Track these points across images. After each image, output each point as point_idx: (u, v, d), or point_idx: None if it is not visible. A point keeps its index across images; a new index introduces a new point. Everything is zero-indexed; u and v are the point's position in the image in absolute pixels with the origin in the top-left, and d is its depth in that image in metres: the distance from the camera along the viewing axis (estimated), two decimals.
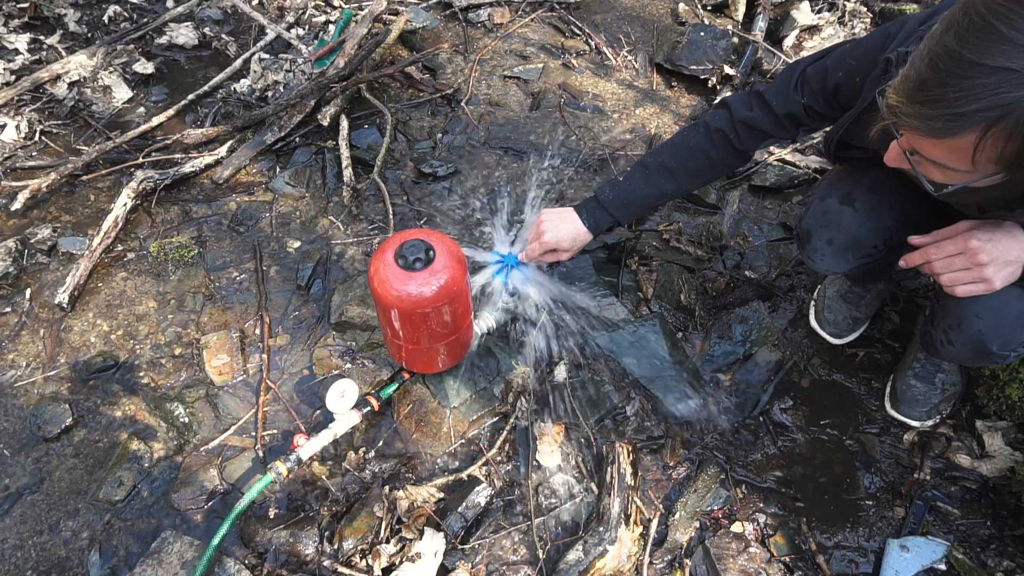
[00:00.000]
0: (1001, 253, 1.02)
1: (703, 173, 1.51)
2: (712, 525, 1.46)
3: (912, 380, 1.57)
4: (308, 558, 1.37)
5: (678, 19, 2.91)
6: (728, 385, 1.69)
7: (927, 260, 1.08)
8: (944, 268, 1.07)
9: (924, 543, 1.40)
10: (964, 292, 1.06)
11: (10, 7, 2.69)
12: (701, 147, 1.47)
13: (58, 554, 1.40)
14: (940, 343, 1.28)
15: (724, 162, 1.49)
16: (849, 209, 1.33)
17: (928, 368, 1.55)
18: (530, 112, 2.45)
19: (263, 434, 1.57)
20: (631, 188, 1.54)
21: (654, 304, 1.82)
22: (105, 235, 1.91)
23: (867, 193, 1.34)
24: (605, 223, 1.58)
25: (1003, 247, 1.02)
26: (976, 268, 1.03)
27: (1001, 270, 1.03)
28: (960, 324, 1.20)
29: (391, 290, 1.30)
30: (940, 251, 1.07)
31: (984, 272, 1.03)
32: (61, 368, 1.69)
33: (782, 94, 1.33)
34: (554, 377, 1.67)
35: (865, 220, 1.33)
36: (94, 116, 2.38)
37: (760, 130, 1.39)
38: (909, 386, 1.57)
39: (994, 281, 1.03)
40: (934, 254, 1.07)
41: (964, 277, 1.05)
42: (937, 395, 1.57)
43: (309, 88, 2.27)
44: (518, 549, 1.41)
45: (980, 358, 1.25)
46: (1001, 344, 1.17)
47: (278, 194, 2.13)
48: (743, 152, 1.47)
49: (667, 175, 1.51)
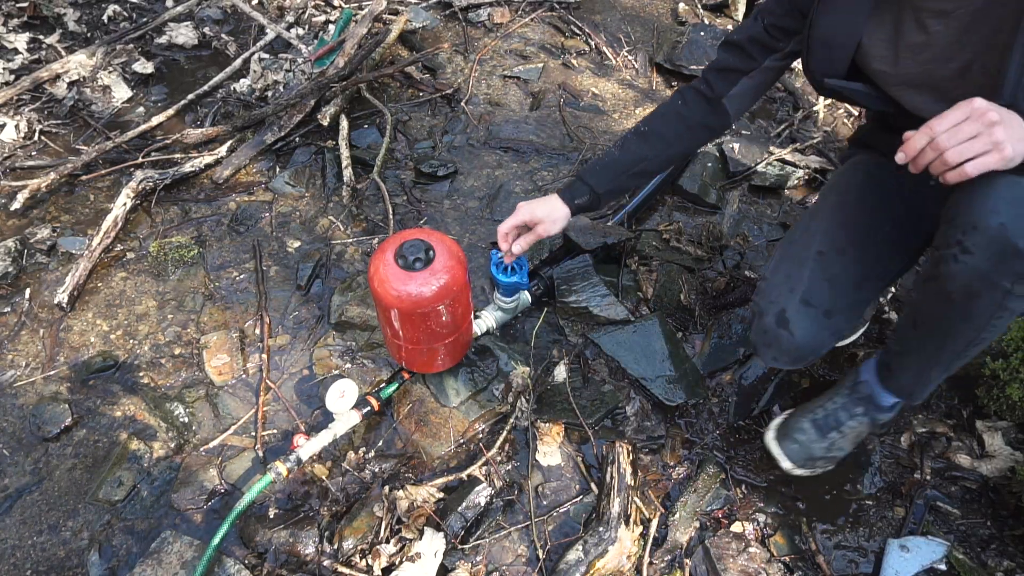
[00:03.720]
0: (1009, 116, 0.92)
1: (679, 137, 1.47)
2: (712, 525, 1.46)
3: (807, 423, 1.45)
4: (308, 558, 1.37)
5: (678, 19, 2.91)
6: (728, 385, 1.69)
7: (932, 136, 0.94)
8: (952, 139, 0.93)
9: (924, 543, 1.40)
10: (975, 168, 0.92)
11: (10, 6, 2.69)
12: (674, 108, 1.46)
13: (58, 554, 1.40)
14: (953, 259, 1.07)
15: (699, 121, 1.44)
16: (785, 332, 1.29)
17: (829, 421, 1.44)
18: (530, 112, 2.45)
19: (263, 434, 1.57)
20: (606, 157, 1.51)
21: (654, 304, 1.82)
22: (105, 235, 1.91)
23: (801, 307, 1.29)
24: (580, 192, 1.49)
25: (1012, 117, 0.92)
26: (987, 131, 0.91)
27: (1012, 131, 0.91)
28: (977, 225, 1.02)
29: (391, 290, 1.30)
30: (944, 121, 0.94)
31: (995, 133, 0.90)
32: (61, 368, 1.69)
33: (744, 26, 1.35)
34: (554, 377, 1.67)
35: (803, 339, 1.30)
36: (94, 116, 2.38)
37: (728, 68, 1.37)
38: (801, 427, 1.45)
39: (1006, 146, 0.90)
40: (937, 126, 0.94)
41: (973, 147, 0.91)
42: (820, 450, 1.44)
43: (309, 88, 2.26)
44: (518, 549, 1.41)
45: (1006, 261, 1.02)
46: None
47: (278, 194, 2.13)
48: (716, 102, 1.41)
49: (640, 140, 1.48)
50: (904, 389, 1.34)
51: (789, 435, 1.46)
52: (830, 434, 1.43)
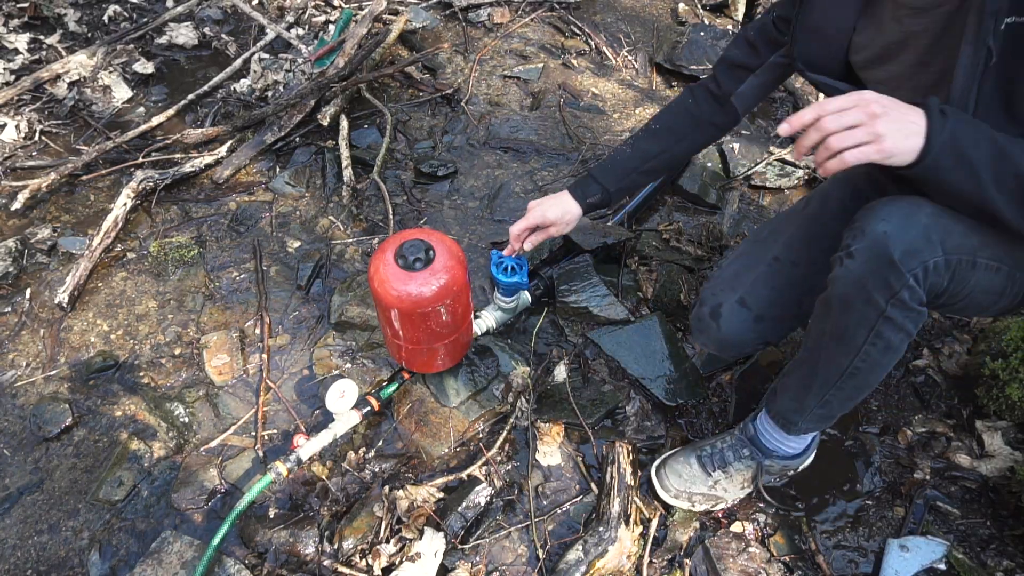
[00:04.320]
0: (898, 110, 0.93)
1: (688, 133, 1.48)
2: (712, 525, 1.46)
3: (692, 458, 1.45)
4: (308, 558, 1.37)
5: (678, 19, 2.91)
6: (728, 385, 1.69)
7: (820, 114, 0.94)
8: (835, 122, 0.93)
9: (924, 543, 1.40)
10: (854, 157, 0.92)
11: (10, 7, 2.69)
12: (683, 104, 1.48)
13: (58, 554, 1.40)
14: (839, 263, 1.08)
15: (708, 119, 1.46)
16: (715, 325, 1.37)
17: (715, 460, 1.44)
18: (530, 112, 2.45)
19: (263, 434, 1.57)
20: (616, 155, 1.52)
21: (654, 304, 1.82)
22: (105, 235, 1.91)
23: (736, 306, 1.35)
24: (592, 191, 1.51)
25: (900, 108, 0.93)
26: (870, 122, 0.91)
27: (896, 124, 0.91)
28: (865, 230, 1.03)
29: (391, 290, 1.30)
30: (833, 103, 0.94)
31: (876, 126, 0.91)
32: (61, 368, 1.69)
33: (756, 21, 1.36)
34: (554, 377, 1.67)
35: (728, 335, 1.37)
36: (94, 116, 2.38)
37: (736, 64, 1.39)
38: (687, 461, 1.45)
39: (885, 139, 0.91)
40: (827, 106, 0.94)
41: (855, 135, 0.92)
42: (701, 487, 1.43)
43: (309, 88, 2.27)
44: (518, 549, 1.41)
45: (881, 270, 1.02)
46: (903, 251, 0.99)
47: (278, 194, 2.13)
48: (724, 100, 1.42)
49: (651, 136, 1.50)
50: (781, 415, 1.34)
51: (672, 467, 1.46)
52: (714, 473, 1.43)
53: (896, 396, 1.69)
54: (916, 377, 1.72)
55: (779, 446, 1.41)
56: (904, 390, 1.71)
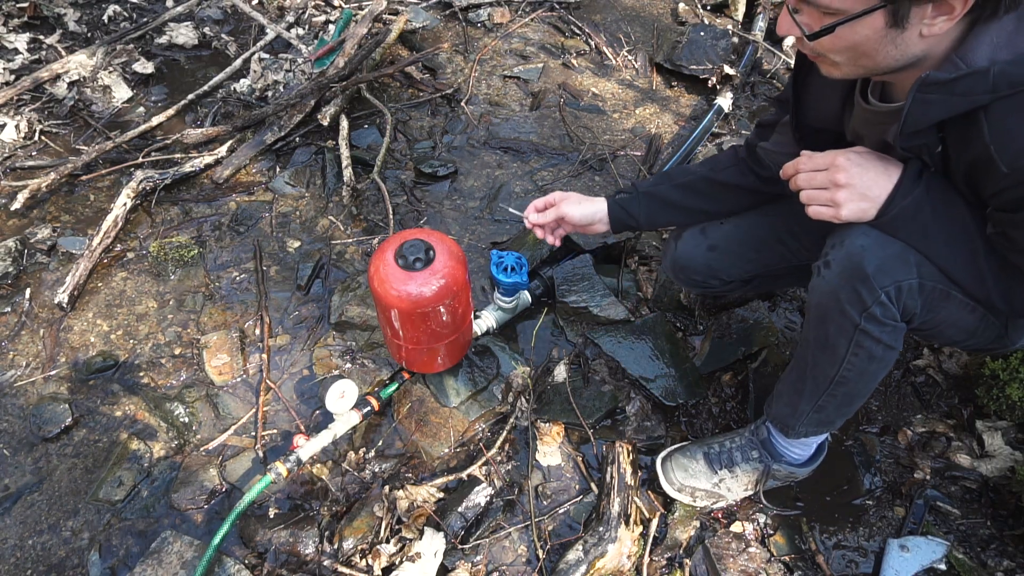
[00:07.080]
0: (862, 183, 0.99)
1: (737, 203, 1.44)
2: (712, 525, 1.46)
3: (699, 454, 1.46)
4: (308, 558, 1.37)
5: (678, 19, 2.91)
6: (728, 385, 1.69)
7: (798, 170, 1.05)
8: (806, 182, 1.04)
9: (924, 543, 1.40)
10: (815, 213, 1.03)
11: (10, 7, 2.69)
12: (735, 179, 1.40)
13: (58, 554, 1.40)
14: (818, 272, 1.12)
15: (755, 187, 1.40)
16: (673, 245, 1.48)
17: (722, 458, 1.44)
18: (530, 112, 2.45)
19: (263, 434, 1.57)
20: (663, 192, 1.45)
21: (654, 304, 1.82)
22: (105, 235, 1.91)
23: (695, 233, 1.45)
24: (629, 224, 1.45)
25: (869, 178, 0.99)
26: (832, 188, 1.00)
27: (854, 200, 0.99)
28: (843, 240, 1.07)
29: (391, 290, 1.30)
30: (810, 162, 1.04)
31: (837, 195, 0.99)
32: (61, 368, 1.69)
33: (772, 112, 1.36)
34: (554, 377, 1.67)
35: (680, 253, 1.46)
36: (94, 116, 2.38)
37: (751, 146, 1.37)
38: (693, 456, 1.46)
39: (842, 208, 0.99)
40: (804, 164, 1.05)
41: (820, 196, 1.02)
42: (705, 484, 1.44)
43: (309, 88, 2.27)
44: (518, 549, 1.41)
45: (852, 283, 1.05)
46: (877, 267, 1.02)
47: (278, 194, 2.13)
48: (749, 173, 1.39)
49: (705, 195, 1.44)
50: (778, 418, 1.35)
51: (678, 461, 1.46)
52: (720, 471, 1.44)
53: (896, 396, 1.69)
54: (916, 377, 1.72)
55: (787, 451, 1.41)
56: (904, 390, 1.70)
